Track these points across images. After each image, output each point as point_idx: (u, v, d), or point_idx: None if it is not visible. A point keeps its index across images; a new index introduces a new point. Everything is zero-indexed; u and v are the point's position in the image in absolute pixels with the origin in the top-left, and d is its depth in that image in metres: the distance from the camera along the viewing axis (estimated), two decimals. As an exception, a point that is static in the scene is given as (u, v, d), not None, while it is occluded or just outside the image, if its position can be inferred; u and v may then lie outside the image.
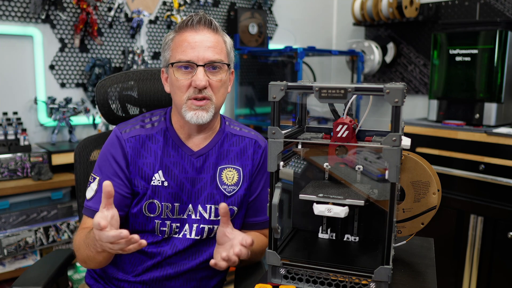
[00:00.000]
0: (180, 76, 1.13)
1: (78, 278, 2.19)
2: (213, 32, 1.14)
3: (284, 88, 0.87)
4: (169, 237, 1.19)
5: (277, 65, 3.20)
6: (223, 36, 1.18)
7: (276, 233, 0.91)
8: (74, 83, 2.44)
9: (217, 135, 1.24)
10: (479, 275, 2.21)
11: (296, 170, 1.10)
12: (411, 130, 2.42)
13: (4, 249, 1.96)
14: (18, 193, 2.03)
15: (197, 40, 1.12)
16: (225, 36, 1.19)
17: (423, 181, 0.99)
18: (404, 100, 0.83)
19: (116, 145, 1.19)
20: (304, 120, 1.09)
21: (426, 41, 3.03)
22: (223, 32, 1.19)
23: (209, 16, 1.16)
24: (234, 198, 1.22)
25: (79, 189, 1.38)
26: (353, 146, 0.92)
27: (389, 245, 0.84)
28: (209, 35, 1.13)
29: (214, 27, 1.15)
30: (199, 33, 1.13)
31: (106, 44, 2.52)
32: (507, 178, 2.07)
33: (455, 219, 2.28)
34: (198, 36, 1.12)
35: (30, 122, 2.32)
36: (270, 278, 0.94)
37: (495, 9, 2.69)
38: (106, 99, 1.36)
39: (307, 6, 3.49)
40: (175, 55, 1.14)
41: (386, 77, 3.33)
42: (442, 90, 2.44)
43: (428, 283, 0.94)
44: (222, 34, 1.17)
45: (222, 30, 1.18)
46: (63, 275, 1.28)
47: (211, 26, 1.14)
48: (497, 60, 2.21)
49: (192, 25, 1.13)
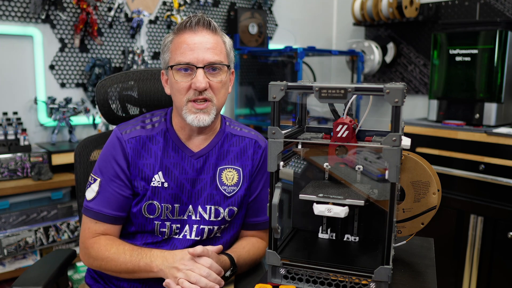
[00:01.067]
0: (180, 78, 1.12)
1: (78, 278, 2.19)
2: (212, 33, 1.14)
3: (284, 88, 0.87)
4: (169, 237, 1.19)
5: (277, 65, 3.20)
6: (222, 37, 1.17)
7: (276, 233, 0.91)
8: (74, 83, 2.44)
9: (217, 135, 1.24)
10: (479, 275, 2.21)
11: (296, 170, 1.10)
12: (411, 130, 2.42)
13: (4, 249, 1.96)
14: (18, 193, 2.03)
15: (196, 42, 1.11)
16: (225, 36, 1.19)
17: (423, 181, 0.99)
18: (404, 100, 0.83)
19: (116, 146, 1.19)
20: (304, 120, 1.09)
21: (426, 41, 3.03)
22: (222, 33, 1.18)
23: (208, 17, 1.16)
24: (234, 198, 1.22)
25: (79, 189, 1.37)
26: (353, 146, 0.92)
27: (389, 245, 0.84)
28: (208, 36, 1.13)
29: (213, 28, 1.14)
30: (198, 34, 1.12)
31: (106, 44, 2.52)
32: (507, 178, 2.07)
33: (455, 219, 2.27)
34: (197, 37, 1.12)
35: (30, 122, 2.32)
36: (270, 278, 0.94)
37: (495, 9, 2.69)
38: (106, 99, 1.36)
39: (307, 6, 3.49)
40: (174, 57, 1.13)
41: (386, 77, 3.33)
42: (442, 90, 2.44)
43: (428, 283, 0.94)
44: (221, 35, 1.17)
45: (221, 30, 1.18)
46: (63, 275, 1.28)
47: (209, 27, 1.14)
48: (497, 60, 2.21)
49: (191, 26, 1.12)
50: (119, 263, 1.11)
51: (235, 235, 1.27)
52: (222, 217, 1.21)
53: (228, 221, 1.22)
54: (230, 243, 1.25)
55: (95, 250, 1.15)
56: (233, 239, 1.26)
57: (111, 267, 1.13)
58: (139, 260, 1.10)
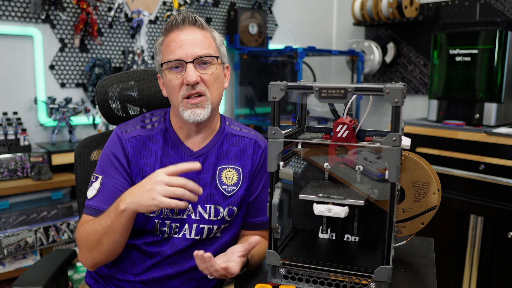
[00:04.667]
0: (172, 76, 1.14)
1: (78, 278, 2.19)
2: (199, 29, 1.15)
3: (284, 88, 0.87)
4: (169, 237, 1.19)
5: (277, 65, 3.20)
6: (211, 32, 1.19)
7: (276, 233, 0.91)
8: (74, 83, 2.44)
9: (217, 135, 1.24)
10: (479, 275, 2.21)
11: (296, 170, 1.10)
12: (411, 130, 2.42)
13: (4, 249, 1.96)
14: (18, 193, 2.03)
15: (183, 39, 1.13)
16: (213, 31, 1.20)
17: (423, 181, 0.99)
18: (404, 100, 0.83)
19: (117, 144, 1.19)
20: (304, 120, 1.09)
21: (426, 41, 3.03)
22: (211, 28, 1.20)
23: (193, 13, 1.17)
24: (234, 198, 1.22)
25: (79, 189, 1.37)
26: (353, 146, 0.92)
27: (389, 245, 0.84)
28: (195, 32, 1.14)
29: (199, 24, 1.16)
30: (185, 31, 1.14)
31: (106, 44, 2.52)
32: (507, 178, 2.07)
33: (455, 219, 2.27)
34: (184, 34, 1.13)
35: (30, 122, 2.32)
36: (270, 278, 0.94)
37: (495, 9, 2.69)
38: (106, 99, 1.36)
39: (307, 6, 3.49)
40: (164, 56, 1.15)
41: (386, 77, 3.33)
42: (442, 90, 2.44)
43: (428, 283, 0.94)
44: (209, 30, 1.18)
45: (209, 26, 1.19)
46: (63, 275, 1.28)
47: (195, 23, 1.15)
48: (497, 60, 2.21)
49: (177, 25, 1.14)
50: (97, 229, 1.09)
51: (235, 235, 1.27)
52: (221, 216, 1.21)
53: (228, 221, 1.23)
54: (230, 243, 1.25)
55: (81, 240, 1.13)
56: (233, 239, 1.26)
57: (95, 240, 1.09)
58: (109, 211, 1.07)
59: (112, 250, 1.11)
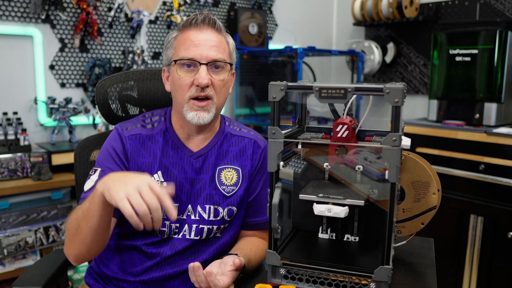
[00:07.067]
0: (183, 74, 1.13)
1: (78, 278, 2.19)
2: (217, 32, 1.15)
3: (284, 88, 0.87)
4: (169, 237, 1.19)
5: (277, 65, 3.20)
6: (226, 37, 1.18)
7: (276, 233, 0.91)
8: (74, 83, 2.44)
9: (217, 135, 1.24)
10: (479, 275, 2.21)
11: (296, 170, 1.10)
12: (411, 130, 2.42)
13: (4, 249, 1.96)
14: (18, 193, 2.03)
15: (201, 39, 1.12)
16: (228, 37, 1.20)
17: (423, 181, 0.99)
18: (404, 100, 0.83)
19: (117, 140, 1.19)
20: (304, 120, 1.09)
21: (426, 41, 3.03)
22: (226, 33, 1.19)
23: (214, 16, 1.16)
24: (233, 198, 1.22)
25: (79, 189, 1.37)
26: (353, 146, 0.92)
27: (389, 245, 0.84)
28: (213, 35, 1.14)
29: (218, 27, 1.15)
30: (203, 32, 1.13)
31: (106, 44, 2.52)
32: (507, 178, 2.07)
33: (455, 219, 2.27)
34: (202, 35, 1.13)
35: (30, 122, 2.32)
36: (270, 278, 0.94)
37: (495, 9, 2.69)
38: (106, 99, 1.36)
39: (307, 6, 3.49)
40: (178, 53, 1.14)
41: (386, 77, 3.33)
42: (442, 90, 2.44)
43: (428, 283, 0.94)
44: (225, 35, 1.18)
45: (225, 31, 1.19)
46: (63, 275, 1.28)
47: (215, 26, 1.15)
48: (497, 60, 2.21)
49: (197, 24, 1.13)
50: (78, 213, 1.04)
51: (235, 235, 1.27)
52: (221, 216, 1.21)
53: (228, 221, 1.23)
54: (230, 243, 1.25)
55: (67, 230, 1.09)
56: (233, 239, 1.26)
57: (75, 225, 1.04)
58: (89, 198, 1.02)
59: (91, 239, 1.03)
